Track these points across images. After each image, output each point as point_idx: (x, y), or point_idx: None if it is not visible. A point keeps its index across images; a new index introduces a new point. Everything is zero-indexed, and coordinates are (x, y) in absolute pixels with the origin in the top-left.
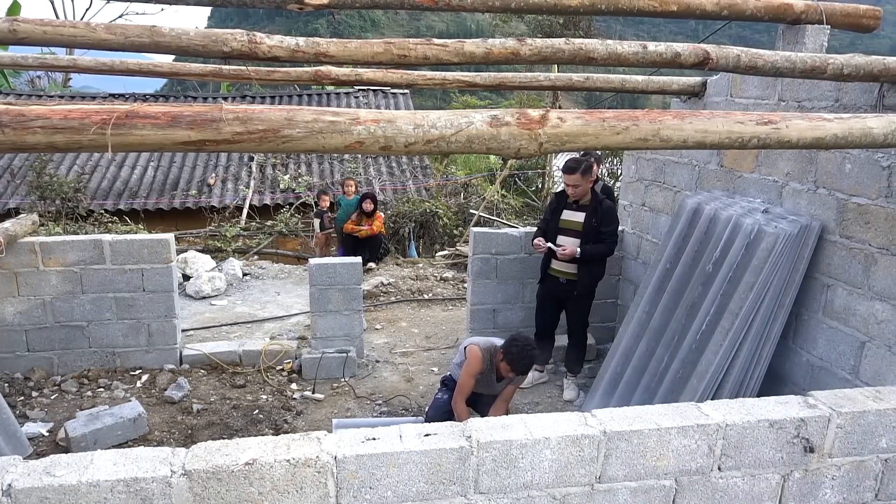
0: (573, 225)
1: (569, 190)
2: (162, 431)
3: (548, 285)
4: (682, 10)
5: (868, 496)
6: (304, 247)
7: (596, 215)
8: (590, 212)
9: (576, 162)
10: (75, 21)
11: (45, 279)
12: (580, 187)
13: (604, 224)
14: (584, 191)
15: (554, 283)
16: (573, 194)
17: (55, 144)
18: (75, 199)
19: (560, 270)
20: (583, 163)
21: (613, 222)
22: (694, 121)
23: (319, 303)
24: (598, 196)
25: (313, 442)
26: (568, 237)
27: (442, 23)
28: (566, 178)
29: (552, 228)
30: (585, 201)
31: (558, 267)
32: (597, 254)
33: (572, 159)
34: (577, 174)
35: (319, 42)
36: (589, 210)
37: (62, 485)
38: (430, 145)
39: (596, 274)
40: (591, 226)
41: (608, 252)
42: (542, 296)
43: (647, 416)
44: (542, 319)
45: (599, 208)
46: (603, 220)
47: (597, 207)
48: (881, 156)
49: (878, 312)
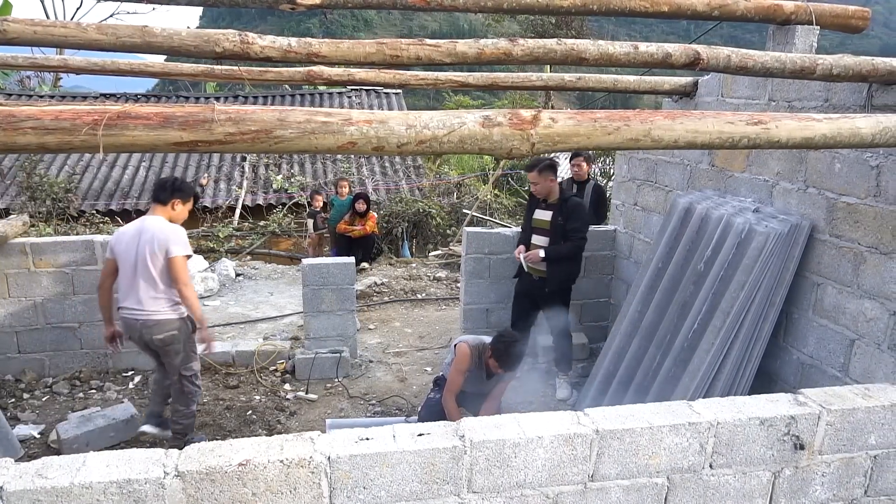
0: (543, 224)
1: (532, 189)
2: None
3: (522, 281)
4: (673, 11)
5: (857, 492)
6: (297, 247)
7: (562, 213)
8: (556, 210)
9: (537, 160)
10: (66, 21)
11: (36, 280)
12: (540, 185)
13: (570, 222)
14: (545, 189)
15: (527, 279)
16: (535, 192)
17: (46, 145)
18: (66, 199)
19: (532, 268)
20: (542, 161)
21: (579, 220)
22: (685, 121)
23: (313, 303)
24: (565, 194)
25: (307, 442)
26: (541, 236)
27: (435, 22)
28: (529, 177)
29: (527, 228)
30: (554, 200)
31: (532, 265)
32: (562, 253)
33: (535, 158)
34: (535, 172)
35: (312, 42)
36: (556, 208)
37: (54, 487)
38: (423, 146)
39: (568, 272)
40: (558, 224)
41: (575, 250)
42: (517, 291)
43: (639, 415)
44: (515, 315)
45: (565, 206)
46: (569, 217)
47: (562, 205)
48: (870, 155)
49: (868, 311)
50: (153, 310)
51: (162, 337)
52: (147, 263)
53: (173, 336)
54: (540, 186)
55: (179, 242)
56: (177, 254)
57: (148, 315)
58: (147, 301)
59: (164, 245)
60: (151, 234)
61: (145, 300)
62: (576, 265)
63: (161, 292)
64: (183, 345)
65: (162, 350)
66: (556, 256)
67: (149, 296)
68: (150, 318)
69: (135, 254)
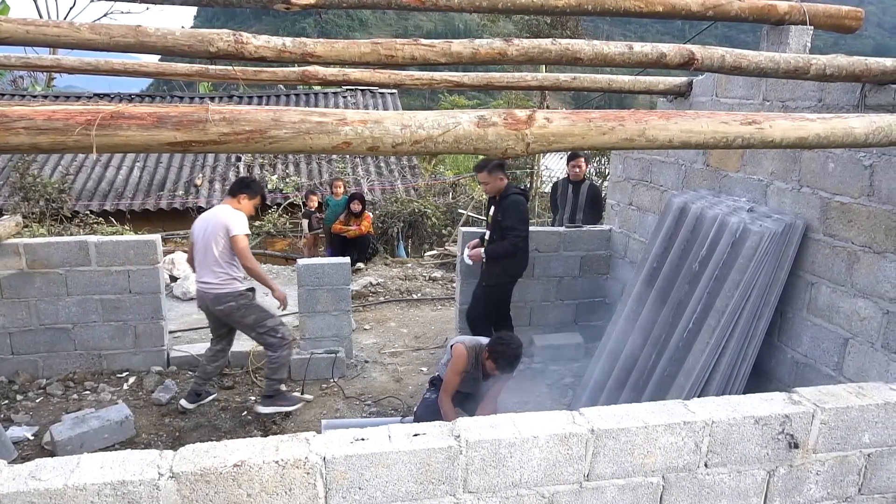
0: (490, 220)
1: (483, 188)
2: (149, 434)
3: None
4: (667, 11)
5: (851, 491)
6: (293, 247)
7: (500, 211)
8: (497, 208)
9: (484, 161)
10: (59, 21)
11: (30, 281)
12: (490, 184)
13: (505, 220)
14: (495, 188)
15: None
16: (486, 192)
17: (39, 145)
18: (60, 200)
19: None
20: (490, 161)
21: (513, 217)
22: (679, 121)
23: (308, 303)
24: (507, 191)
25: (302, 443)
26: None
27: (430, 22)
28: (478, 177)
29: (486, 226)
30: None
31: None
32: (498, 252)
33: (483, 158)
34: (485, 172)
35: (306, 42)
36: (497, 206)
37: (48, 489)
38: (418, 146)
39: (504, 268)
40: (497, 221)
41: (511, 248)
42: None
43: (634, 414)
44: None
45: (502, 204)
46: (505, 215)
47: (500, 203)
48: (863, 155)
49: (861, 310)
50: (215, 283)
51: (221, 308)
52: (210, 244)
53: (231, 307)
54: (490, 186)
55: (238, 223)
56: (237, 232)
57: (210, 289)
58: (209, 276)
59: (224, 227)
60: (216, 219)
61: (209, 276)
62: (514, 262)
63: (221, 270)
64: (245, 311)
65: (226, 318)
66: (493, 255)
67: (212, 272)
68: (211, 291)
69: (202, 236)
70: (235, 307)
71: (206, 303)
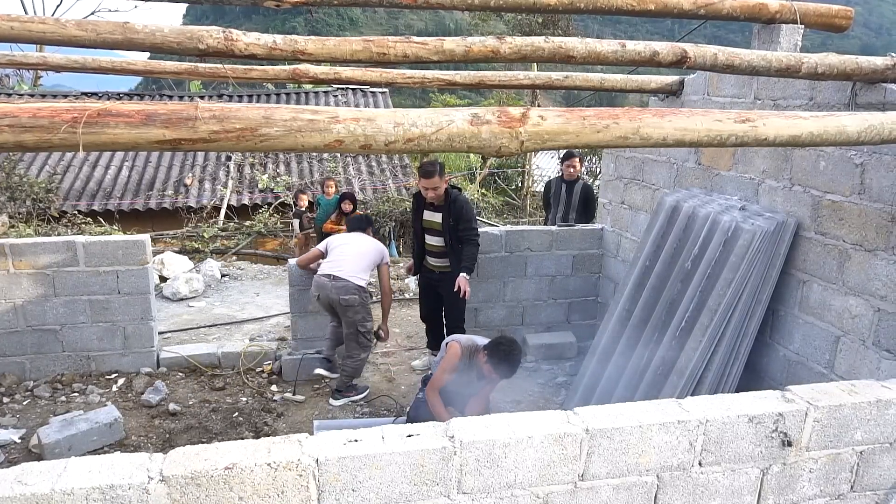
0: (435, 225)
1: (428, 194)
2: (139, 436)
3: (424, 276)
4: (659, 9)
5: (844, 488)
6: (284, 247)
7: (452, 214)
8: (445, 212)
9: (431, 165)
10: (45, 17)
11: (16, 282)
12: (439, 189)
13: (461, 222)
14: (440, 193)
15: (430, 274)
16: (432, 197)
17: (24, 144)
18: (47, 199)
19: (434, 265)
20: (436, 164)
21: (468, 218)
22: (673, 119)
23: (299, 303)
24: (451, 195)
25: (294, 444)
26: (434, 236)
27: (421, 21)
28: (425, 183)
29: (418, 229)
30: (440, 201)
31: (433, 261)
32: (473, 259)
33: (427, 163)
34: (437, 177)
35: (297, 39)
36: (444, 210)
37: (34, 493)
38: (411, 144)
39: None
40: (449, 224)
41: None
42: (422, 285)
43: (628, 413)
44: (423, 306)
45: (453, 207)
46: (459, 217)
47: (450, 206)
48: (854, 153)
49: (853, 307)
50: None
51: (347, 297)
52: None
53: (354, 299)
54: (440, 191)
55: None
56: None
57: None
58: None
59: (382, 254)
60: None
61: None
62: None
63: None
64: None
65: (344, 307)
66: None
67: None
68: (351, 282)
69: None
70: (358, 300)
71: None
